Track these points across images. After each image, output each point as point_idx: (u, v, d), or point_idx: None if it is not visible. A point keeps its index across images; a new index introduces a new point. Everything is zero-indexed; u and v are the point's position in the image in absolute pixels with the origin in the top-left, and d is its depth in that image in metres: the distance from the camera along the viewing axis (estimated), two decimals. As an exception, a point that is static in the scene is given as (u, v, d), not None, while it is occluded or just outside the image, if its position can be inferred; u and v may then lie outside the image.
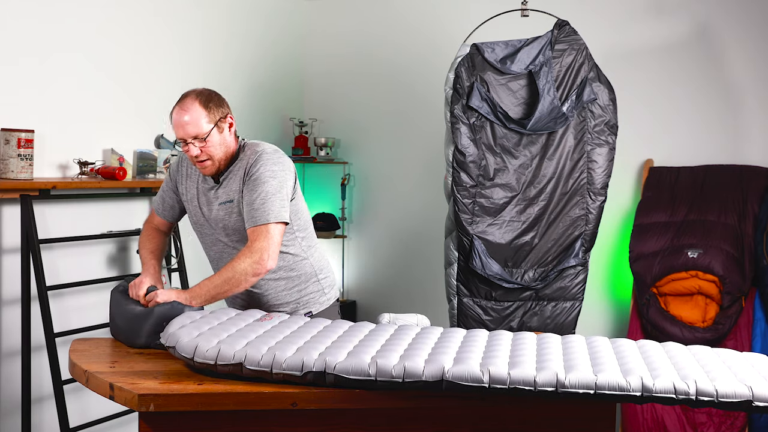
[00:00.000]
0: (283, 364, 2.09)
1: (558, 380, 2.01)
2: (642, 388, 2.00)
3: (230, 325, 2.36)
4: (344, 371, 2.06)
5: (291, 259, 2.75)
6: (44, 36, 3.42)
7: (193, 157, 2.62)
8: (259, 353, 2.13)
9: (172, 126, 2.64)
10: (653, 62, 4.35)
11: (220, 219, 2.68)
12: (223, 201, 2.66)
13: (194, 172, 2.78)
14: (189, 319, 2.38)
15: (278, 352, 2.12)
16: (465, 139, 3.61)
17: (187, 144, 2.60)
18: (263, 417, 2.10)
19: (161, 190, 2.89)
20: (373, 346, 2.24)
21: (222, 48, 4.40)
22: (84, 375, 2.20)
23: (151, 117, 3.97)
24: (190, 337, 2.21)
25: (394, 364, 2.07)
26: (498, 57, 3.67)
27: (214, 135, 2.61)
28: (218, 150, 2.63)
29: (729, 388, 1.99)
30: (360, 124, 5.08)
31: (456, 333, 2.42)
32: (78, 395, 3.47)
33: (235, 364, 2.12)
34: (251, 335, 2.28)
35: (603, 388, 2.00)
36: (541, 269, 3.71)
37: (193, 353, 2.16)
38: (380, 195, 5.07)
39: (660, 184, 4.25)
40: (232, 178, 2.67)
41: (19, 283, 3.29)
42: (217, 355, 2.13)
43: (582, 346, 2.34)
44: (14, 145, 3.20)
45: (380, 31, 5.00)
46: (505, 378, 2.02)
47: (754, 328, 3.88)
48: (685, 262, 3.95)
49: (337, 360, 2.09)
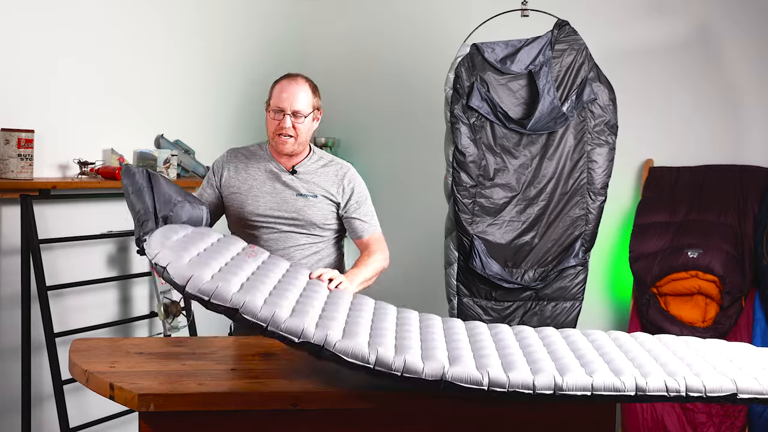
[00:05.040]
0: (282, 325, 2.06)
1: (555, 383, 2.03)
2: (636, 388, 2.04)
3: (216, 254, 2.29)
4: (343, 351, 2.05)
5: (339, 256, 3.05)
6: (44, 36, 3.42)
7: (283, 127, 2.77)
8: (257, 304, 2.08)
9: (274, 95, 2.81)
10: (653, 62, 4.35)
11: (298, 209, 2.84)
12: (303, 193, 2.85)
13: (254, 164, 2.88)
14: (174, 234, 2.32)
15: (278, 310, 2.09)
16: (465, 139, 3.61)
17: (284, 115, 2.76)
18: (263, 417, 2.10)
19: (199, 191, 2.96)
20: (365, 318, 2.28)
21: (221, 48, 4.40)
22: (84, 375, 2.20)
23: (151, 117, 3.97)
24: (180, 262, 2.14)
25: (393, 355, 2.06)
26: (498, 57, 3.67)
27: (309, 119, 2.83)
28: (304, 134, 2.83)
29: (716, 384, 2.07)
30: (360, 124, 5.07)
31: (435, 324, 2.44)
32: (78, 395, 3.47)
33: (231, 308, 2.07)
34: (242, 274, 2.22)
35: (599, 389, 2.04)
36: (541, 269, 3.71)
37: (186, 282, 2.09)
38: (380, 195, 5.05)
39: (660, 184, 4.25)
40: (313, 175, 2.87)
41: (19, 283, 3.29)
42: (213, 292, 2.08)
43: (562, 341, 2.36)
44: (14, 145, 3.21)
45: (380, 32, 4.99)
46: (504, 382, 2.03)
47: (754, 328, 3.88)
48: (685, 262, 3.95)
49: (337, 337, 2.07)
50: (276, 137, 2.81)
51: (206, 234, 2.46)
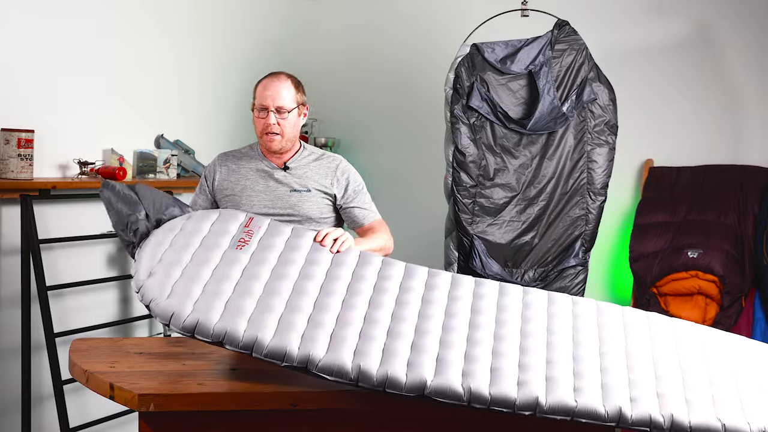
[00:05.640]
0: (264, 351, 2.07)
1: (538, 404, 2.01)
2: (618, 418, 2.01)
3: (202, 265, 2.29)
4: (325, 370, 2.05)
5: None
6: (44, 36, 3.42)
7: (268, 124, 2.77)
8: (239, 331, 2.09)
9: (257, 94, 2.81)
10: (653, 62, 4.35)
11: (293, 205, 2.83)
12: (297, 189, 2.84)
13: (245, 165, 2.87)
14: (161, 247, 2.33)
15: (260, 334, 2.09)
16: (465, 139, 3.61)
17: (268, 113, 2.76)
18: (263, 417, 2.10)
19: (192, 200, 2.96)
20: (360, 308, 2.24)
21: (220, 47, 4.40)
22: (84, 375, 2.20)
23: (151, 117, 3.97)
24: (162, 295, 2.17)
25: (376, 369, 2.05)
26: (498, 57, 3.67)
27: (293, 114, 2.82)
28: (290, 130, 2.82)
29: (702, 420, 2.01)
30: (360, 124, 5.07)
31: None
32: (78, 395, 3.47)
33: (215, 341, 2.10)
34: (225, 289, 2.22)
35: (580, 415, 2.01)
36: (541, 269, 3.72)
37: (169, 321, 2.13)
38: (380, 195, 5.05)
39: (660, 184, 4.25)
40: (305, 170, 2.86)
41: (19, 283, 3.29)
42: (194, 329, 2.10)
43: (567, 329, 2.29)
44: (14, 145, 3.21)
45: (380, 31, 4.99)
46: (486, 398, 2.02)
47: (754, 328, 3.88)
48: (685, 262, 3.95)
49: (319, 356, 2.07)
50: (263, 136, 2.81)
51: (195, 232, 2.43)
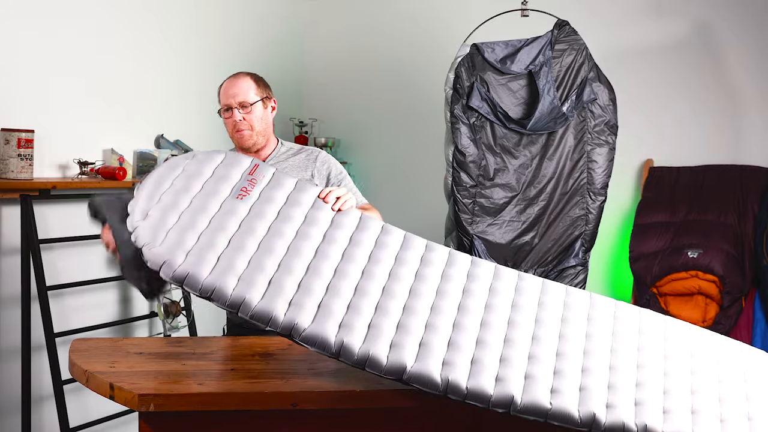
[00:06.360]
0: (250, 312, 2.08)
1: (513, 403, 2.00)
2: (591, 424, 1.98)
3: (199, 213, 2.26)
4: (308, 341, 2.06)
5: None
6: (44, 36, 3.42)
7: (236, 121, 2.74)
8: (227, 289, 2.09)
9: (220, 97, 2.79)
10: (653, 62, 4.35)
11: None
12: None
13: None
14: (162, 186, 2.30)
15: (248, 295, 2.09)
16: (465, 139, 3.61)
17: (233, 111, 2.74)
18: (263, 417, 2.10)
19: None
20: (352, 277, 2.20)
21: (220, 47, 4.40)
22: (84, 375, 2.20)
23: (151, 117, 3.97)
24: (156, 241, 2.15)
25: (358, 347, 2.05)
26: (498, 57, 3.67)
27: (258, 107, 2.77)
28: (258, 123, 2.78)
29: (675, 428, 1.99)
30: (360, 124, 5.07)
31: None
32: (78, 395, 3.47)
33: (203, 296, 2.10)
34: (220, 242, 2.20)
35: (553, 418, 1.99)
36: (541, 269, 3.71)
37: (160, 268, 2.12)
38: (380, 195, 5.07)
39: (660, 184, 4.25)
40: (284, 165, 2.82)
41: (19, 283, 3.29)
42: (184, 279, 2.10)
43: (555, 322, 2.26)
44: (14, 145, 3.21)
45: (380, 31, 5.00)
46: (462, 391, 2.01)
47: (754, 328, 3.88)
48: (685, 262, 3.95)
49: (304, 325, 2.07)
50: (234, 134, 2.80)
51: (196, 174, 2.37)
